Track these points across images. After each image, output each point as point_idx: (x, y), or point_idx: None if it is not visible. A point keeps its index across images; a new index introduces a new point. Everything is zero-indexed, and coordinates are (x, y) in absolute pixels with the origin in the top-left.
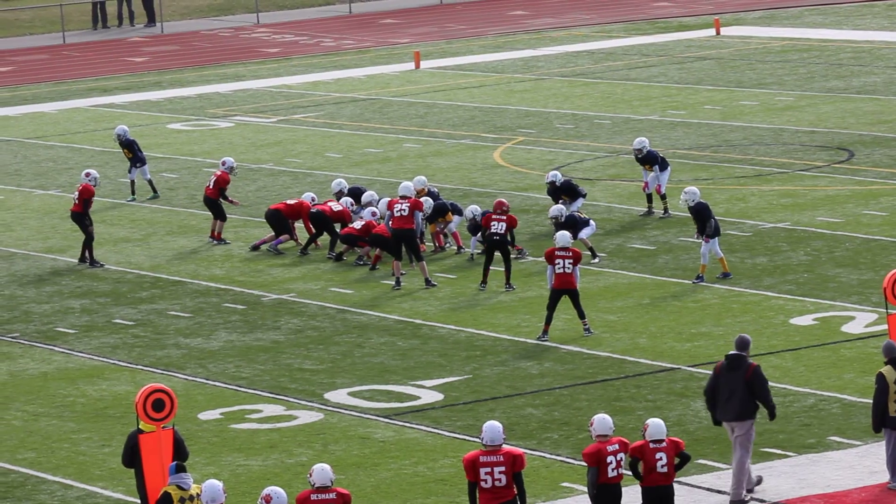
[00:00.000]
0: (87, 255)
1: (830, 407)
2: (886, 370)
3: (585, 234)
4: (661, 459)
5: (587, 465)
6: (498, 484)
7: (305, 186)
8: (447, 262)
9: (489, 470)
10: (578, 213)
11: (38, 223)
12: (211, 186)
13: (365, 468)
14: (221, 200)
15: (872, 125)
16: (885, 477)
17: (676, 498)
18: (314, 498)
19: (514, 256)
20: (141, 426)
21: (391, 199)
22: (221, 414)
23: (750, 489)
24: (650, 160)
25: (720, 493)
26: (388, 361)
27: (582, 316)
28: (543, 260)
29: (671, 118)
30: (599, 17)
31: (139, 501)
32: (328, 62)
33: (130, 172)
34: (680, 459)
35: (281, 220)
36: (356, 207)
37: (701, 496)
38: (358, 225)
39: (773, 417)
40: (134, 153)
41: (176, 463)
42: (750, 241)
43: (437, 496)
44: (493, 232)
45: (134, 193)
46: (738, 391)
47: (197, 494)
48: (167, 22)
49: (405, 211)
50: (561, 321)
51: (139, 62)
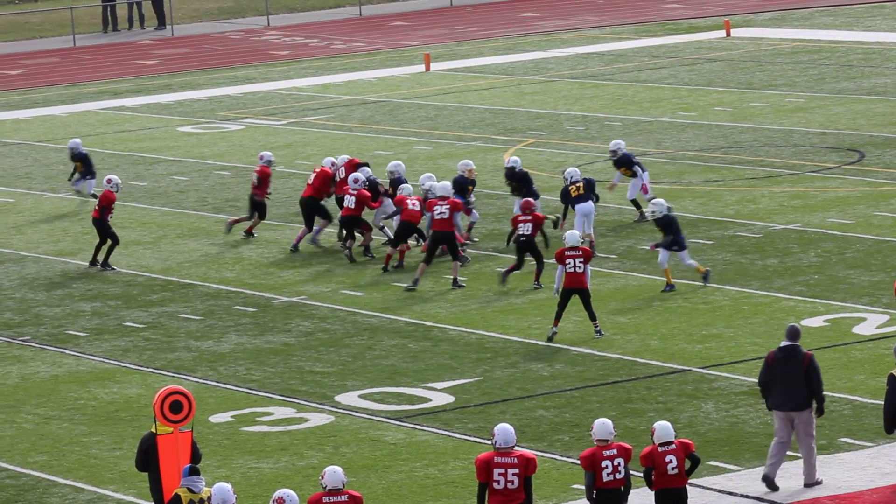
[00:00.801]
0: (97, 257)
1: (841, 408)
2: None
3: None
4: (671, 462)
5: (584, 468)
6: (510, 486)
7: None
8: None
9: (503, 471)
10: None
11: (48, 226)
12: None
13: (376, 470)
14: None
15: (883, 126)
16: None
17: (688, 500)
18: (326, 500)
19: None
20: (157, 429)
21: (430, 199)
22: (232, 416)
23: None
24: (625, 163)
25: (732, 494)
26: (398, 364)
27: (593, 318)
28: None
29: (681, 120)
30: (609, 19)
31: None
32: (338, 64)
33: (76, 183)
34: (691, 462)
35: (315, 206)
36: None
37: (713, 498)
38: (352, 203)
39: (821, 413)
40: (87, 166)
41: (189, 466)
42: (760, 242)
43: (448, 498)
44: (520, 234)
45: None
46: (795, 381)
47: (208, 498)
48: (177, 25)
49: (445, 213)
50: (571, 323)
51: (149, 65)
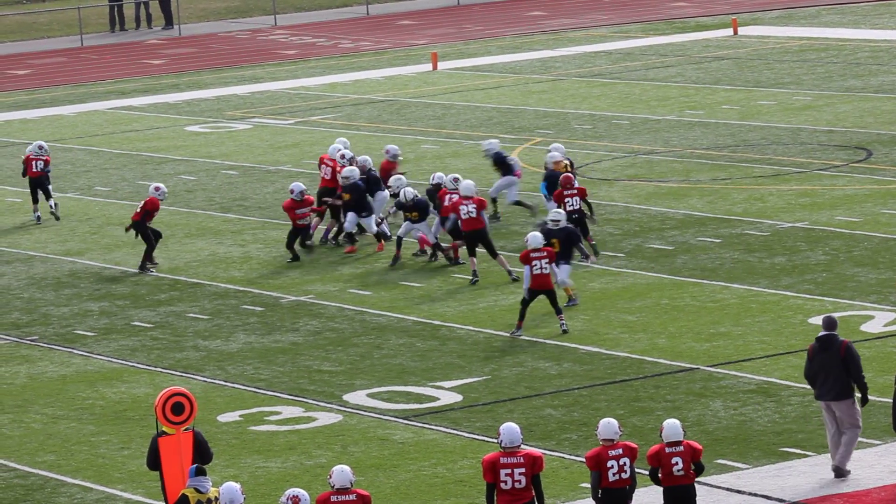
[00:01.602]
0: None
1: None
2: None
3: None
4: (676, 464)
5: (589, 468)
6: (518, 486)
7: None
8: (466, 263)
9: (509, 471)
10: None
11: (56, 226)
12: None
13: (384, 469)
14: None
15: (891, 124)
16: None
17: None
18: (334, 500)
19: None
20: (164, 428)
21: (457, 198)
22: (240, 416)
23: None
24: (498, 163)
25: (740, 493)
26: (406, 363)
27: (559, 312)
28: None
29: (689, 118)
30: (617, 17)
31: None
32: (346, 64)
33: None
34: (694, 467)
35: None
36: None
37: (721, 496)
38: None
39: (865, 401)
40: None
41: (196, 466)
42: (768, 240)
43: (456, 497)
44: (569, 210)
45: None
46: (833, 371)
47: (215, 498)
48: (185, 24)
49: (473, 212)
50: (580, 322)
51: (157, 65)
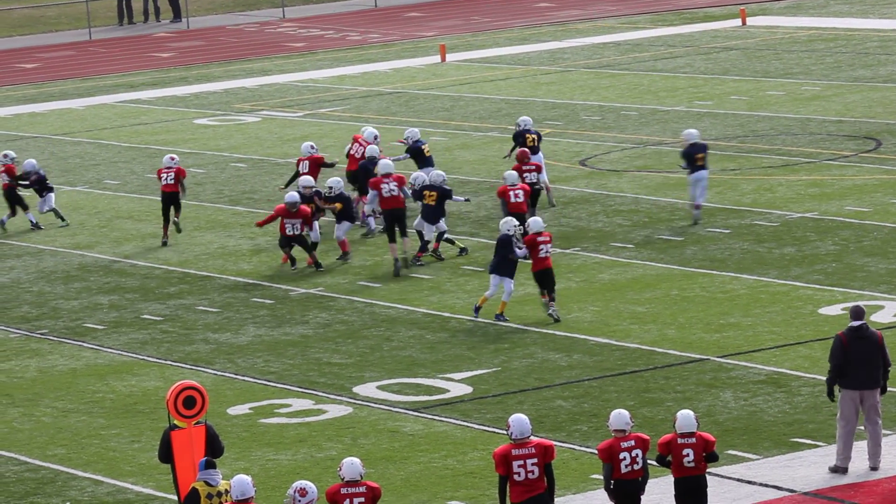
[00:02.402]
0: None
1: None
2: None
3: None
4: (687, 455)
5: (601, 460)
6: (531, 476)
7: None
8: (476, 254)
9: (522, 463)
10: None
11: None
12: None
13: (394, 461)
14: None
15: None
16: None
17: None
18: (344, 492)
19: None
20: (176, 422)
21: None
22: (251, 409)
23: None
24: (415, 154)
25: (751, 483)
26: (416, 355)
27: (552, 300)
28: (569, 251)
29: (698, 109)
30: (625, 8)
31: (175, 497)
32: (354, 56)
33: (41, 206)
34: (708, 457)
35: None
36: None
37: (731, 486)
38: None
39: (884, 391)
40: (43, 186)
41: (206, 459)
42: (778, 231)
43: (466, 489)
44: (530, 183)
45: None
46: (872, 359)
47: (226, 490)
48: (193, 17)
49: (395, 190)
50: (589, 313)
51: (165, 58)
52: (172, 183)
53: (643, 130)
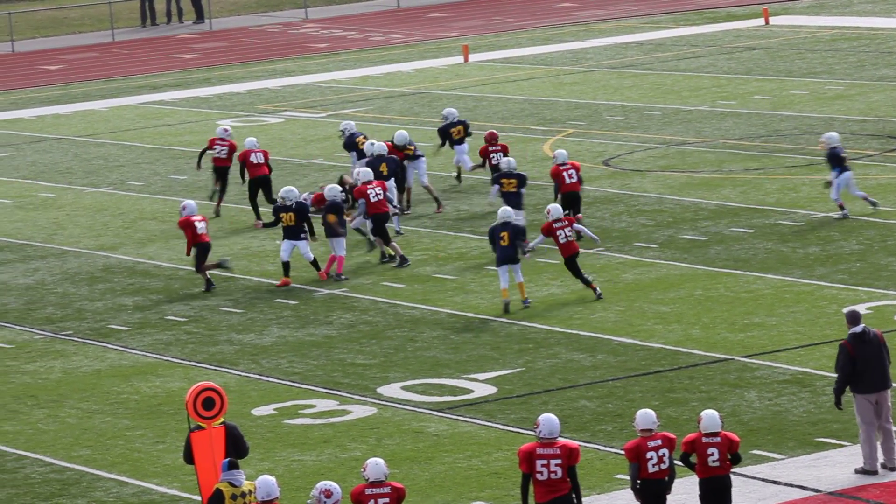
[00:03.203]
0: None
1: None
2: None
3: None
4: (712, 455)
5: (628, 460)
6: (553, 476)
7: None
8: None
9: (545, 462)
10: None
11: (89, 221)
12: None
13: (419, 462)
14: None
15: None
16: None
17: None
18: (368, 492)
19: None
20: (197, 423)
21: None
22: (275, 409)
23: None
24: (350, 146)
25: (776, 483)
26: (440, 355)
27: (589, 282)
28: (592, 251)
29: (721, 108)
30: (648, 8)
31: (199, 498)
32: (377, 57)
33: None
34: (731, 458)
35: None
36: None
37: (756, 486)
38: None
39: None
40: None
41: (229, 460)
42: (802, 230)
43: (491, 489)
44: (493, 165)
45: None
46: (880, 359)
47: (250, 491)
48: (216, 18)
49: (380, 195)
50: (613, 313)
51: (188, 59)
52: (225, 157)
53: (666, 130)
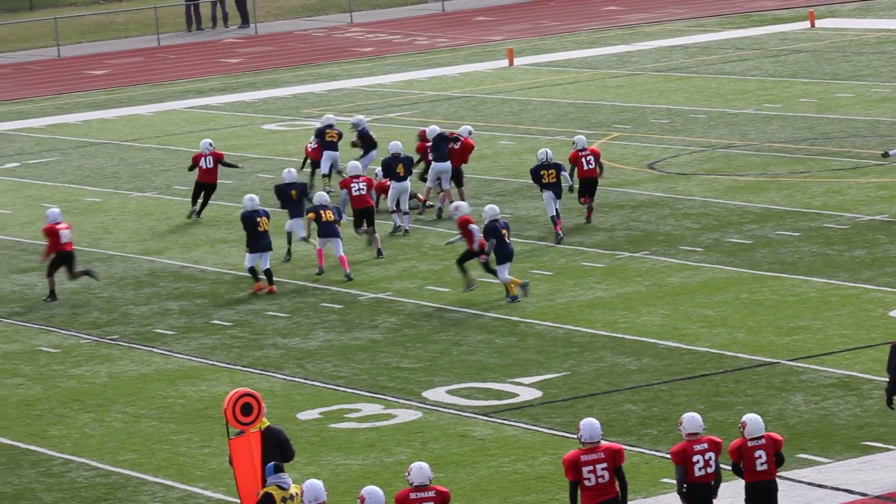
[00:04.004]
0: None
1: None
2: None
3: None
4: (760, 457)
5: (674, 463)
6: (601, 481)
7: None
8: (544, 258)
9: (591, 468)
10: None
11: (135, 225)
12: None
13: (464, 466)
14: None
15: None
16: None
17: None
18: (413, 497)
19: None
20: (237, 429)
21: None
22: (320, 413)
23: None
24: (364, 137)
25: (822, 487)
26: (485, 359)
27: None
28: (638, 254)
29: (766, 111)
30: (693, 11)
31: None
32: (422, 60)
33: None
34: (775, 459)
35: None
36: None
37: (802, 490)
38: None
39: None
40: None
41: (274, 463)
42: (848, 233)
43: (536, 493)
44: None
45: None
46: None
47: (297, 494)
48: (261, 23)
49: (363, 189)
50: (659, 317)
51: (234, 63)
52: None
53: (712, 133)
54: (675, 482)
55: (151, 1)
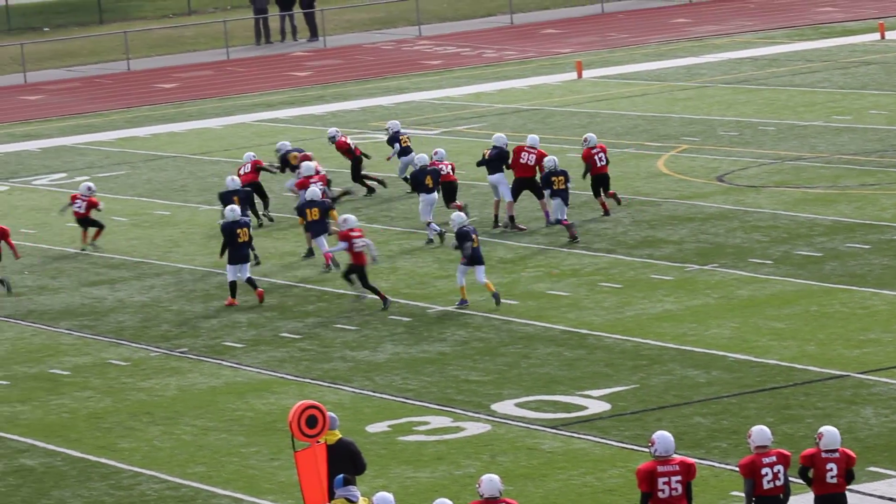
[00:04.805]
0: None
1: None
2: None
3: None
4: (831, 470)
5: (743, 476)
6: (674, 493)
7: (469, 198)
8: (613, 271)
9: (666, 480)
10: None
11: (204, 238)
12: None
13: (533, 479)
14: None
15: None
16: None
17: None
18: None
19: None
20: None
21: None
22: (389, 426)
23: None
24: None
25: (892, 500)
26: (554, 372)
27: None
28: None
29: (836, 123)
30: (762, 23)
31: None
32: (490, 73)
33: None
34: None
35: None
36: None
37: (872, 503)
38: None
39: None
40: None
41: (343, 476)
42: None
43: None
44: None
45: None
46: None
47: None
48: (329, 36)
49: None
50: (728, 329)
51: (302, 76)
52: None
53: (781, 146)
54: (744, 495)
55: (221, 15)
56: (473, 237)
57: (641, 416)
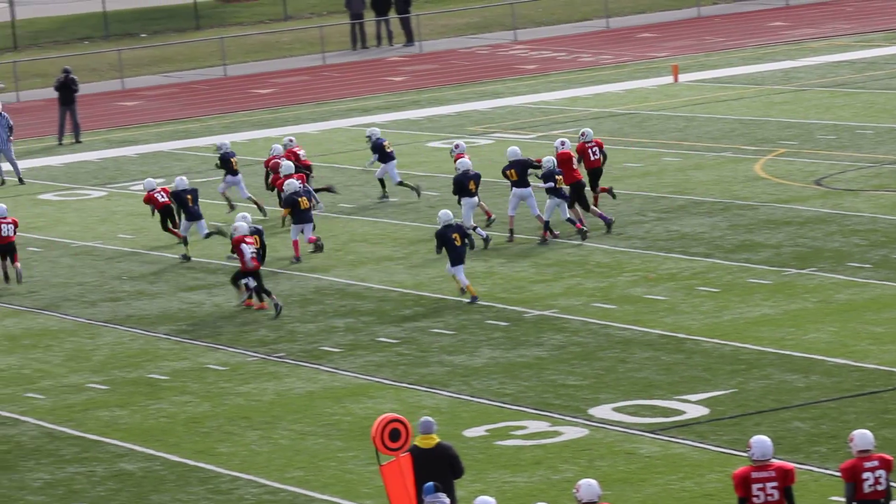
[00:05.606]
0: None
1: None
2: None
3: None
4: None
5: (844, 480)
6: (770, 499)
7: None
8: (710, 275)
9: (762, 486)
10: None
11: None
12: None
13: (631, 483)
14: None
15: None
16: None
17: None
18: None
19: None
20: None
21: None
22: (486, 431)
23: None
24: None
25: None
26: (652, 376)
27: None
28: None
29: None
30: (860, 26)
31: None
32: (586, 77)
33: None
34: None
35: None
36: None
37: None
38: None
39: None
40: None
41: (433, 483)
42: None
43: None
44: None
45: None
46: None
47: None
48: (425, 41)
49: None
50: (827, 334)
51: (398, 81)
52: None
53: (879, 149)
54: (844, 499)
55: (317, 20)
56: (455, 235)
57: (740, 420)
